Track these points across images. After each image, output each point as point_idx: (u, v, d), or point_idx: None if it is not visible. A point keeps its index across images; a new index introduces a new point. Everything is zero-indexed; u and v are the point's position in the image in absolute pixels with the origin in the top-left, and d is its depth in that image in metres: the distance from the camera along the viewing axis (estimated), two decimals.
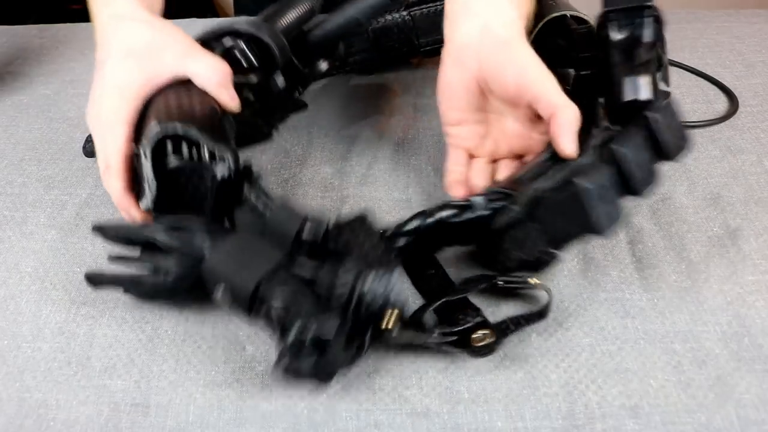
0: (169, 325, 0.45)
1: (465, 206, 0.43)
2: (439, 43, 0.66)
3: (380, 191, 0.56)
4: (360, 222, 0.42)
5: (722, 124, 0.62)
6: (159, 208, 0.44)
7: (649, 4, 0.46)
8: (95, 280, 0.44)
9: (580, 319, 0.44)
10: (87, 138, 0.61)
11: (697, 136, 0.60)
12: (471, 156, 0.50)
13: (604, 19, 0.47)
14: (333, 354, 0.36)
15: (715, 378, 0.40)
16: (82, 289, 0.48)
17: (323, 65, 0.60)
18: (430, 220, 0.43)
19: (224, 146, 0.43)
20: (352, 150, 0.61)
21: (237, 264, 0.39)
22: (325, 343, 0.36)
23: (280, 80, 0.55)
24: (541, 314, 0.43)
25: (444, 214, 0.44)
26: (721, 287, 0.46)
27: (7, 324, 0.46)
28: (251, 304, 0.38)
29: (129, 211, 0.46)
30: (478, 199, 0.43)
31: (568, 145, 0.42)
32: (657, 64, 0.47)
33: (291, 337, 0.36)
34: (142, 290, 0.44)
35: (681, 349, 0.42)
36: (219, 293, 0.39)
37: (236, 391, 0.41)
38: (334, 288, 0.38)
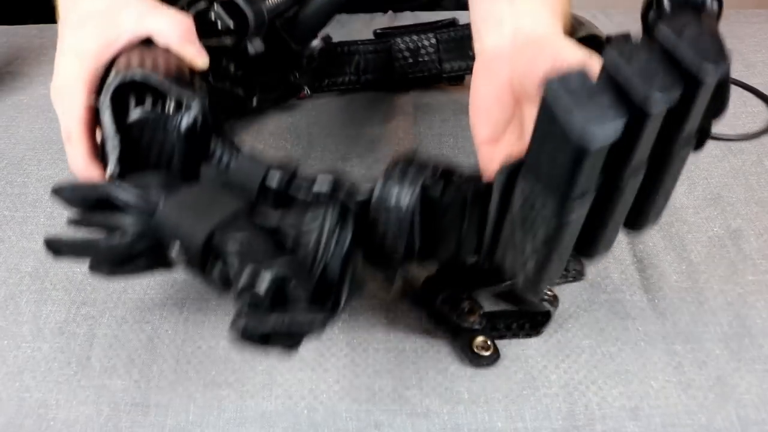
0: (169, 325, 0.45)
1: (458, 183, 0.35)
2: (463, 70, 0.65)
3: None
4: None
5: (723, 124, 0.62)
6: (125, 171, 0.40)
7: None
8: (53, 246, 0.39)
9: (581, 320, 0.44)
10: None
11: None
12: None
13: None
14: (298, 307, 0.31)
15: (715, 379, 0.40)
16: (82, 289, 0.48)
17: (316, 43, 0.58)
18: (409, 192, 0.34)
19: (191, 93, 0.39)
20: (352, 150, 0.61)
21: (190, 214, 0.34)
22: (285, 291, 0.31)
23: (257, 44, 0.52)
24: (537, 326, 0.43)
25: (433, 185, 0.35)
26: (722, 287, 0.46)
27: (7, 324, 0.46)
28: (204, 257, 0.33)
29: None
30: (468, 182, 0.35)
31: None
32: None
33: (242, 281, 0.31)
34: (100, 256, 0.39)
35: (681, 350, 0.42)
36: (173, 249, 0.35)
37: (236, 391, 0.41)
38: (301, 234, 0.33)
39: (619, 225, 0.35)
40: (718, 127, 0.61)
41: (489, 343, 0.42)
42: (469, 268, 0.39)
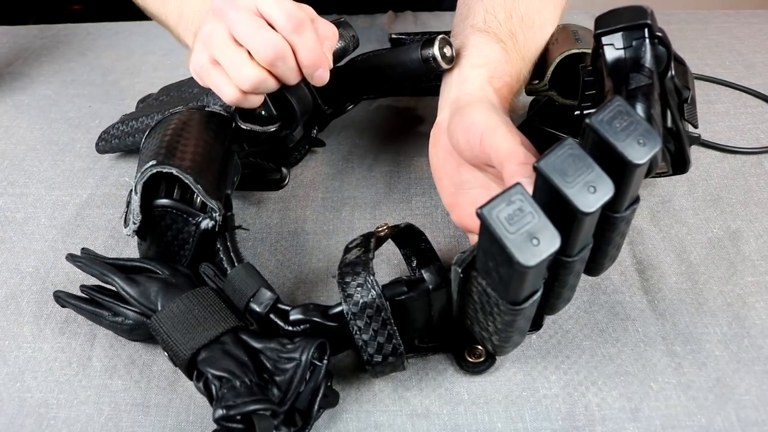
0: None
1: (417, 281, 0.38)
2: None
3: (380, 193, 0.56)
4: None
5: (723, 124, 0.62)
6: (142, 237, 0.45)
7: (645, 22, 0.38)
8: (61, 300, 0.44)
9: (581, 321, 0.44)
10: (100, 136, 0.61)
11: None
12: None
13: (597, 45, 0.40)
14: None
15: (715, 380, 0.41)
16: None
17: (349, 107, 0.58)
18: (371, 297, 0.37)
19: (215, 199, 0.43)
20: (353, 151, 0.61)
21: (180, 329, 0.38)
22: (253, 422, 0.35)
23: (297, 132, 0.53)
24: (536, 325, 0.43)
25: (394, 291, 0.38)
26: (721, 289, 0.46)
27: (9, 324, 0.46)
28: (190, 370, 0.38)
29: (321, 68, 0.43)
30: (427, 274, 0.38)
31: None
32: (676, 99, 0.40)
33: (217, 412, 0.34)
34: (102, 326, 0.44)
35: (681, 351, 0.42)
36: (164, 354, 0.39)
37: None
38: (280, 361, 0.37)
39: (575, 286, 0.38)
40: (719, 130, 0.61)
41: (480, 349, 0.42)
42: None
